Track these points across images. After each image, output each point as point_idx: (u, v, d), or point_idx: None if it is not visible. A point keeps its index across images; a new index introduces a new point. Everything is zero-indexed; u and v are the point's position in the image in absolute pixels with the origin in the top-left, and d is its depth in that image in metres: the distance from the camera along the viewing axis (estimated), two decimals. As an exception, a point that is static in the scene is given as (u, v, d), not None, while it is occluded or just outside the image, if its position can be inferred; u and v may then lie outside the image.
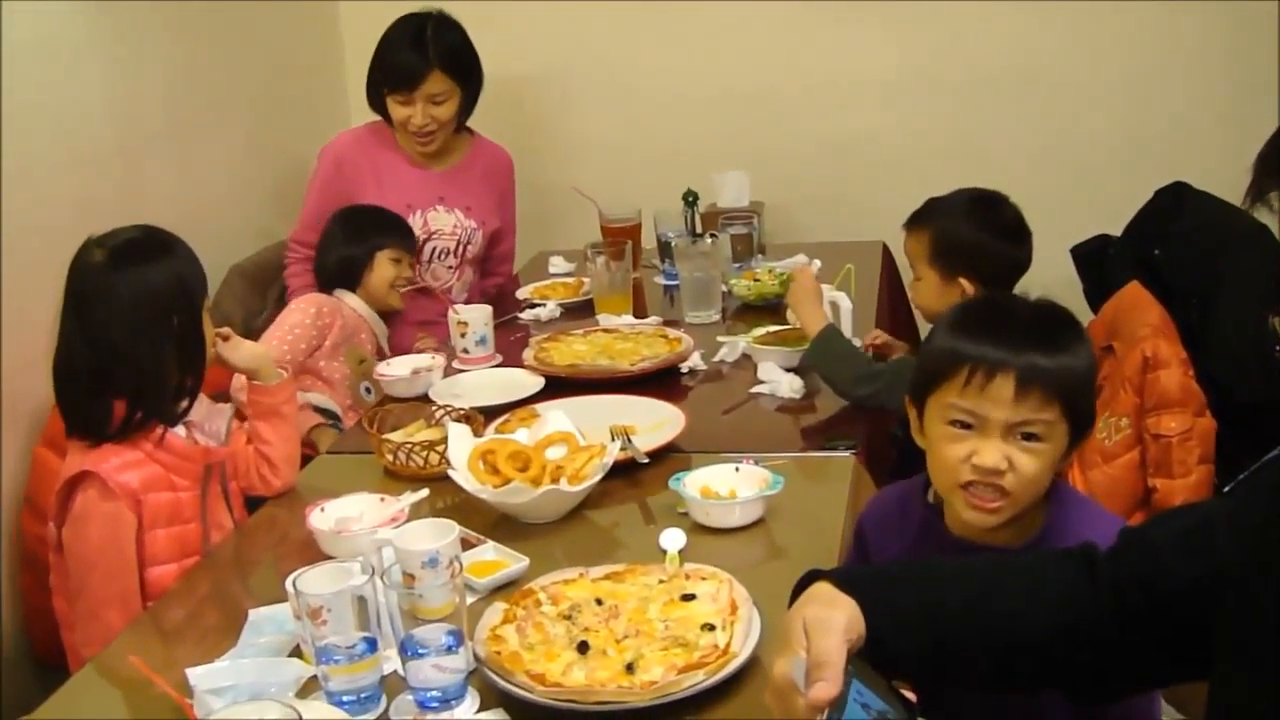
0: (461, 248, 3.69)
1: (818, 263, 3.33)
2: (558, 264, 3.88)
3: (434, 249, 3.67)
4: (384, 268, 3.38)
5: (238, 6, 3.90)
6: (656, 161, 4.37)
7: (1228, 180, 3.52)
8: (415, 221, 3.62)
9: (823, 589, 1.41)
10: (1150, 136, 4.13)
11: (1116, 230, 3.70)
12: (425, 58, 3.49)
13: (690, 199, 3.78)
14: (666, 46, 4.38)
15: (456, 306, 3.12)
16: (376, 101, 3.63)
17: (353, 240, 3.42)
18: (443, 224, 3.67)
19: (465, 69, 3.59)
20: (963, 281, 2.60)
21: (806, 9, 4.25)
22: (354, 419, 3.04)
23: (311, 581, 1.76)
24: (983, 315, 1.76)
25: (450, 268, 3.70)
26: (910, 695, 1.36)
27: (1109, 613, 1.39)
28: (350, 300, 3.36)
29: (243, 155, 3.94)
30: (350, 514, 2.20)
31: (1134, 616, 1.38)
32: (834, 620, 1.34)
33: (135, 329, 2.29)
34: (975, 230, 2.62)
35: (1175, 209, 3.56)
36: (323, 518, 2.19)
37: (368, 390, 3.16)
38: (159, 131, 3.49)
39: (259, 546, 2.37)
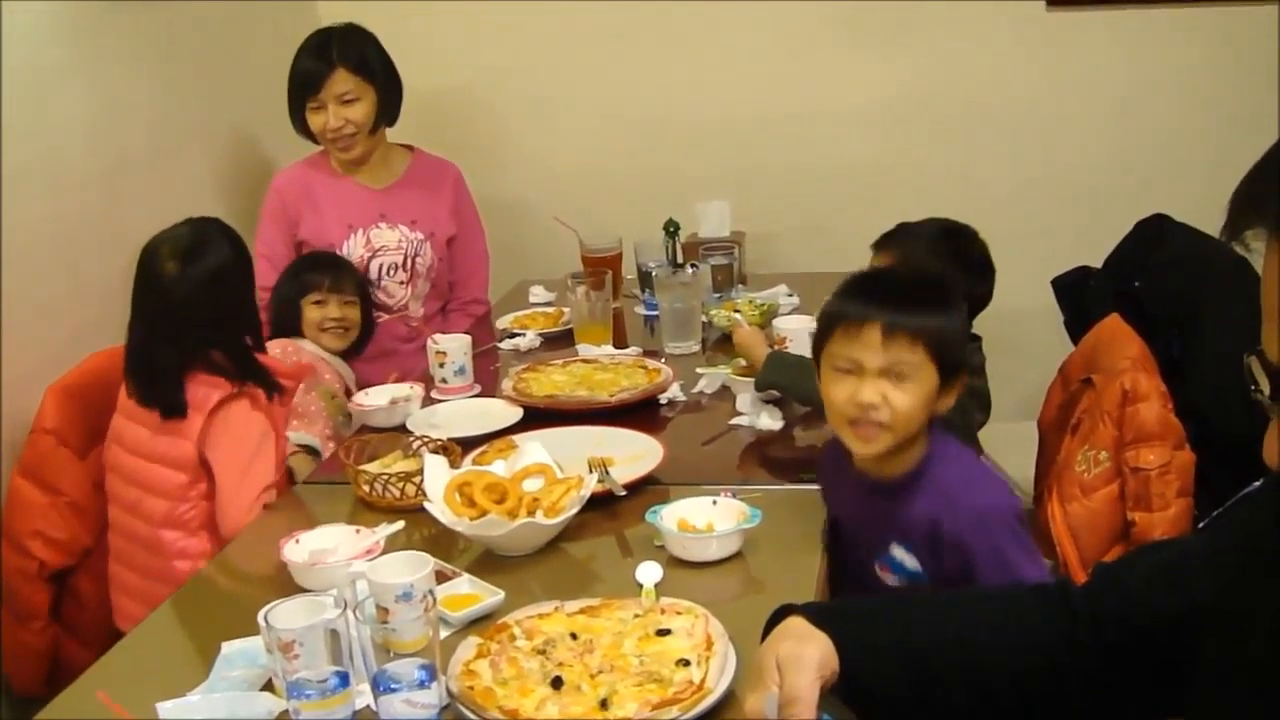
0: (409, 260, 3.70)
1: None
2: (538, 293, 3.87)
3: (380, 265, 3.68)
4: (309, 312, 3.40)
5: (222, 28, 3.91)
6: (638, 190, 4.37)
7: (1209, 212, 3.57)
8: (358, 240, 3.65)
9: (796, 624, 1.40)
10: (1132, 167, 4.14)
11: (1097, 261, 3.71)
12: (328, 59, 3.56)
13: (671, 229, 3.78)
14: (649, 77, 4.39)
15: (435, 336, 3.10)
16: (300, 124, 3.66)
17: (281, 294, 3.46)
18: (386, 240, 3.69)
19: (372, 69, 3.62)
20: None
21: (791, 38, 4.26)
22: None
23: (283, 615, 1.75)
24: (859, 282, 2.12)
25: (401, 283, 3.71)
26: None
27: (1086, 646, 1.38)
28: (308, 345, 3.37)
29: (227, 177, 3.93)
30: (325, 545, 2.18)
31: (1111, 651, 1.37)
32: (807, 656, 1.33)
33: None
34: (941, 260, 2.63)
35: (1155, 241, 3.57)
36: (297, 549, 2.17)
37: (347, 419, 3.15)
38: (141, 153, 3.49)
39: (233, 578, 2.35)
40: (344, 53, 3.58)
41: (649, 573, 2.07)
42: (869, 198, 4.22)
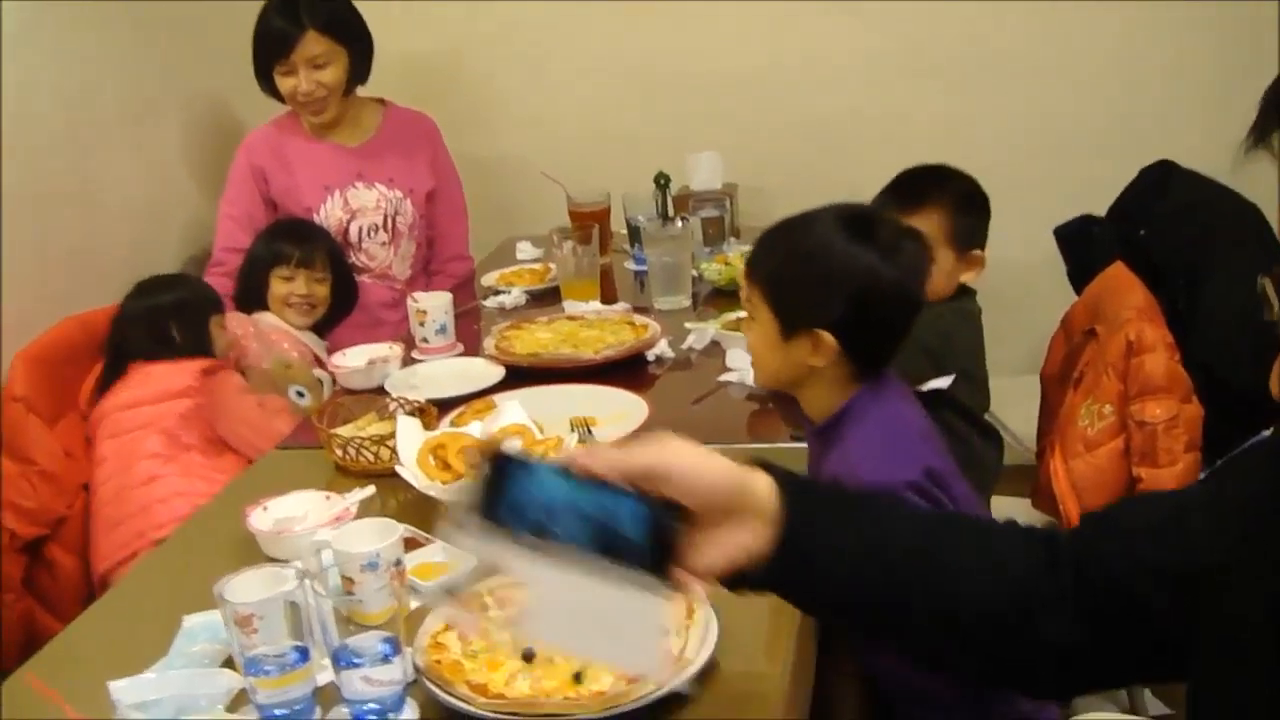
0: (389, 220, 3.60)
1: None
2: (525, 249, 3.77)
3: (360, 228, 3.58)
4: (275, 285, 3.31)
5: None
6: (628, 143, 4.26)
7: (1213, 159, 3.49)
8: (335, 202, 3.55)
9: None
10: (1134, 116, 4.03)
11: (1099, 209, 3.61)
12: (298, 21, 3.41)
13: (662, 181, 3.67)
14: (638, 27, 4.27)
15: (415, 295, 3.00)
16: (267, 84, 3.53)
17: (250, 259, 3.37)
18: (364, 200, 3.58)
19: (344, 29, 3.49)
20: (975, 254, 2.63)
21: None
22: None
23: (241, 587, 1.65)
24: None
25: (383, 244, 3.61)
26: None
27: (1068, 596, 1.26)
28: (268, 318, 3.29)
29: (198, 141, 3.83)
30: (294, 514, 2.09)
31: (1097, 605, 1.25)
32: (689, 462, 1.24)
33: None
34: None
35: (1160, 189, 3.48)
36: (263, 517, 2.08)
37: (300, 394, 3.05)
38: (110, 118, 3.39)
39: (198, 547, 2.25)
40: (313, 12, 3.43)
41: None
42: (864, 149, 4.13)
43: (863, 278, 1.98)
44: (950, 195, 2.62)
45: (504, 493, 1.20)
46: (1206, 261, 3.22)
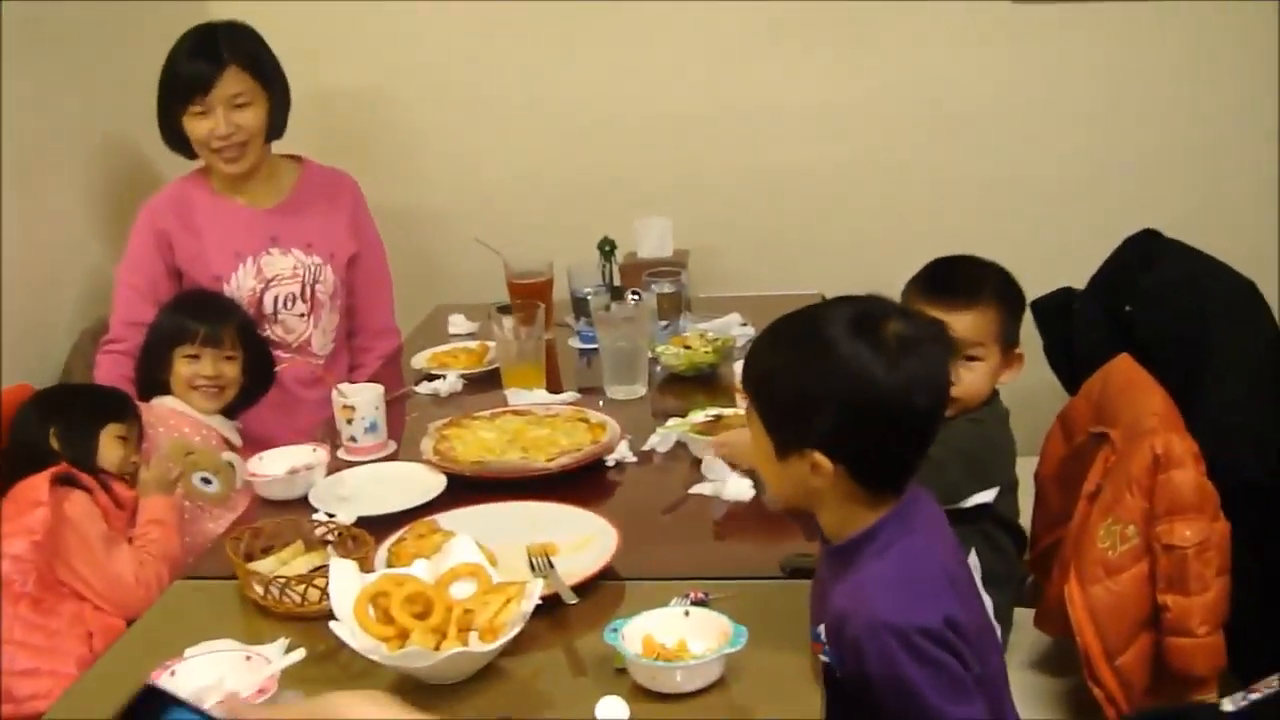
0: (308, 290, 3.27)
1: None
2: (458, 323, 3.43)
3: (275, 298, 3.25)
4: (179, 365, 2.95)
5: (97, 26, 3.48)
6: (566, 200, 4.02)
7: (1202, 228, 3.27)
8: (247, 270, 3.22)
9: None
10: (1114, 178, 3.83)
11: (1075, 278, 3.37)
12: (217, 58, 3.12)
13: (607, 248, 3.38)
14: (579, 74, 4.00)
15: (341, 387, 2.67)
16: (174, 136, 3.22)
17: (153, 335, 3.03)
18: (280, 268, 3.25)
19: (265, 70, 3.21)
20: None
21: (737, 35, 3.89)
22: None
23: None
24: None
25: (301, 315, 3.28)
26: None
27: None
28: (168, 402, 2.95)
29: (102, 190, 3.50)
30: (206, 682, 1.75)
31: None
32: None
33: None
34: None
35: (1146, 260, 3.24)
36: (173, 687, 1.74)
37: (206, 481, 2.69)
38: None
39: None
40: (234, 50, 3.14)
41: (612, 710, 1.68)
42: (823, 209, 3.92)
43: (854, 385, 1.70)
44: (1000, 292, 2.46)
45: None
46: (1202, 342, 2.99)
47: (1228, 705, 1.89)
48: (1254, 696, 1.86)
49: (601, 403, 2.81)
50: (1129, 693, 2.24)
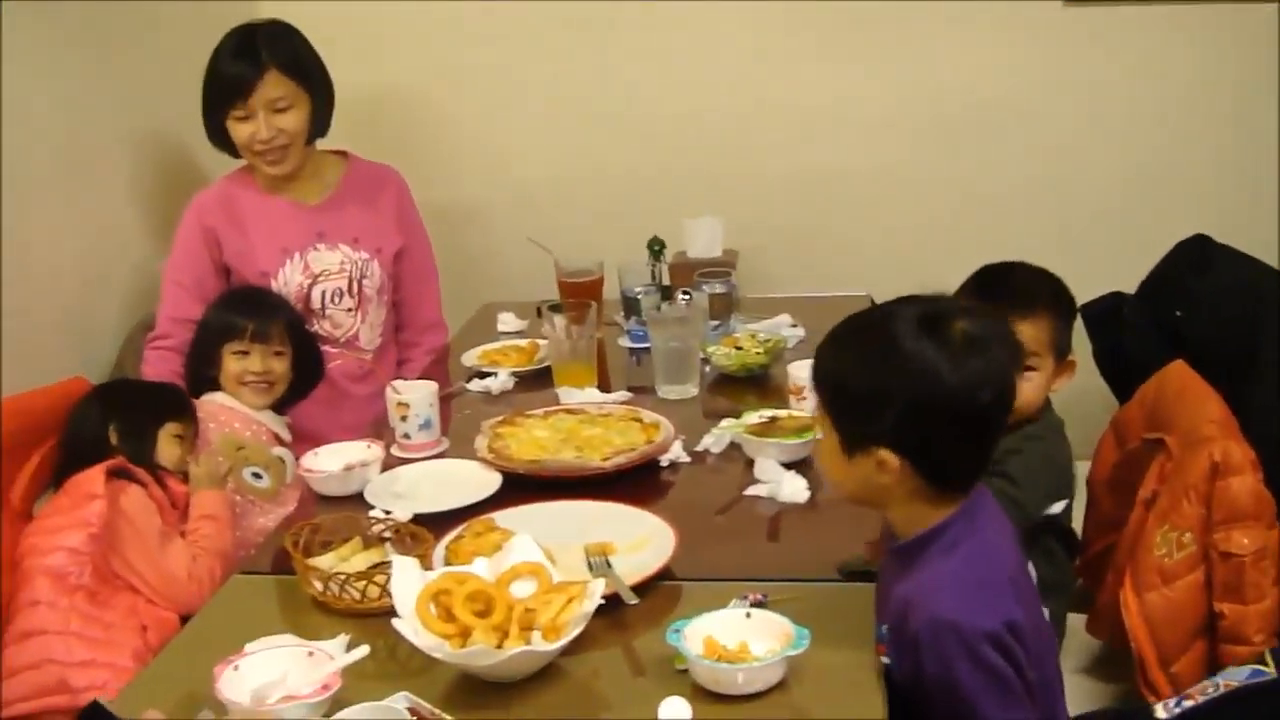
0: (355, 284, 3.27)
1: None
2: (507, 321, 3.44)
3: (323, 293, 3.25)
4: (228, 363, 2.96)
5: (144, 25, 3.48)
6: (615, 198, 4.02)
7: (1250, 230, 3.25)
8: (294, 266, 3.23)
9: None
10: (1162, 182, 3.80)
11: (1124, 281, 3.35)
12: (257, 61, 3.10)
13: (656, 248, 3.38)
14: (629, 73, 4.00)
15: (395, 384, 2.68)
16: (218, 136, 3.22)
17: (202, 332, 3.05)
18: (327, 263, 3.26)
19: (306, 72, 3.19)
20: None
21: (787, 35, 3.89)
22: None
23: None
24: None
25: (349, 310, 3.28)
26: None
27: None
28: (218, 398, 2.96)
29: (149, 190, 3.50)
30: (270, 677, 1.76)
31: None
32: None
33: None
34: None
35: (1198, 266, 3.22)
36: (237, 681, 1.76)
37: (257, 476, 2.70)
38: (45, 174, 3.06)
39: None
40: (274, 52, 3.12)
41: (675, 710, 1.68)
42: (870, 211, 3.92)
43: (920, 383, 1.71)
44: (1054, 301, 2.44)
45: None
46: (1254, 347, 2.98)
47: (1161, 712, 1.92)
48: (1188, 704, 1.88)
49: (652, 402, 2.81)
50: (1183, 700, 2.23)
